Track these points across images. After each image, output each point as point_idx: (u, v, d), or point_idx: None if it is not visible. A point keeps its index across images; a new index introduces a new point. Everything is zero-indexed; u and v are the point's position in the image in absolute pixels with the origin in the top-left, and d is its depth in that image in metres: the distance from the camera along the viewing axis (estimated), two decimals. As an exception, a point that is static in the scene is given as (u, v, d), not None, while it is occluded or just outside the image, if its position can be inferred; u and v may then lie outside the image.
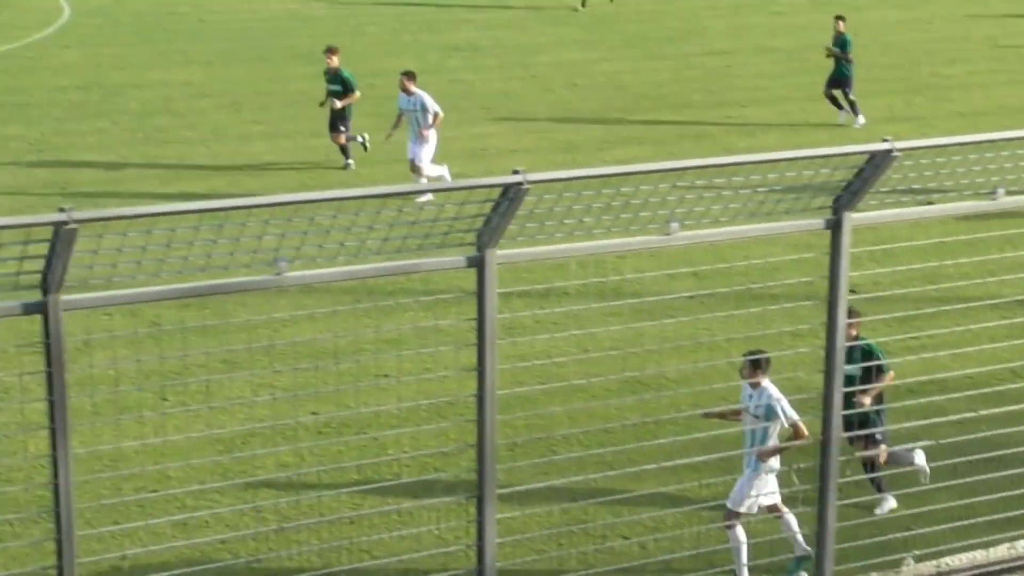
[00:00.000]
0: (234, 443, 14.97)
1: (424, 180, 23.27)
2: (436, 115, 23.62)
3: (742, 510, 12.65)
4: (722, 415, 13.26)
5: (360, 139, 25.45)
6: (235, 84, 31.12)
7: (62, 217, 6.59)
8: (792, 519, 12.76)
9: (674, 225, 7.94)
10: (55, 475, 7.57)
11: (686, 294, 17.49)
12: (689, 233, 8.03)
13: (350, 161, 25.18)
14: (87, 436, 13.75)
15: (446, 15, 39.39)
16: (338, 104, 25.05)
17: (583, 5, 40.03)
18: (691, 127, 28.34)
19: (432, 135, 23.63)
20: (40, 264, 6.91)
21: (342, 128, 25.13)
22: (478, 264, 7.76)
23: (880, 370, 13.00)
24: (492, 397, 8.01)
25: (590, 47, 35.72)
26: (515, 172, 7.42)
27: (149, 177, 24.46)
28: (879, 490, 13.65)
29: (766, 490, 12.54)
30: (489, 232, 7.66)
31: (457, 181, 7.12)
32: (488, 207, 7.62)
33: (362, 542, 12.85)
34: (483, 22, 38.55)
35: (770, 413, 12.46)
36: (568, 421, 15.42)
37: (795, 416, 12.47)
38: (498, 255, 7.74)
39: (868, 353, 13.10)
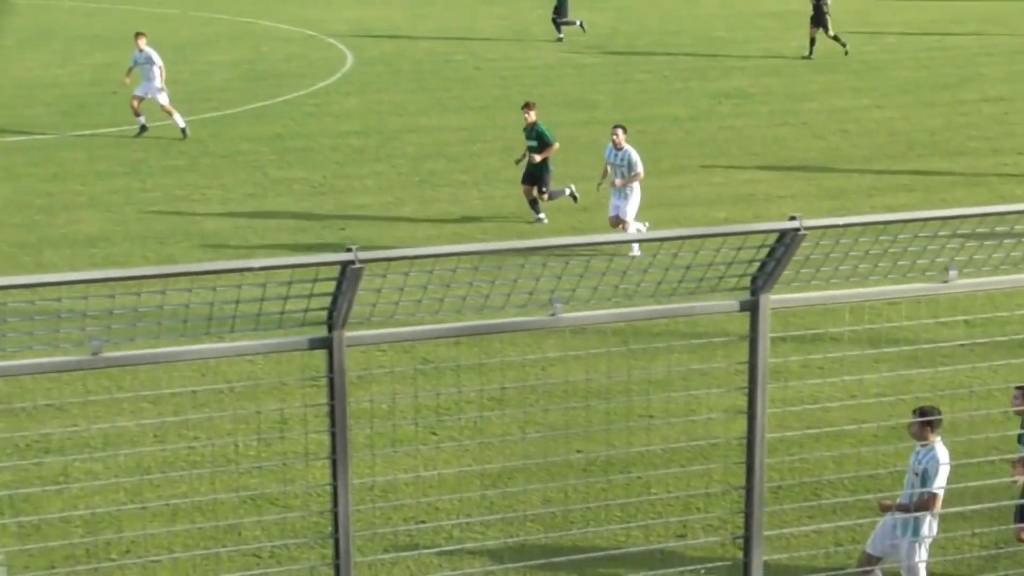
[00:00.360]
0: (501, 478, 15.14)
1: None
2: (637, 174, 23.02)
3: (878, 554, 12.32)
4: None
5: (568, 191, 25.29)
6: (507, 129, 31.52)
7: (349, 257, 6.78)
8: None
9: (952, 272, 7.75)
10: (335, 503, 7.74)
11: (959, 342, 17.03)
12: (968, 281, 7.82)
13: (542, 216, 24.77)
14: (361, 467, 14.08)
15: (716, 63, 39.27)
16: (537, 158, 24.78)
17: (845, 53, 39.45)
18: (965, 175, 27.65)
19: (636, 189, 23.11)
20: (326, 301, 7.10)
21: (543, 187, 24.81)
22: (752, 308, 7.70)
23: None
24: (762, 440, 7.92)
25: (862, 94, 35.16)
26: (792, 218, 7.35)
27: (423, 219, 24.94)
28: None
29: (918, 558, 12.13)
30: (764, 277, 7.60)
31: (733, 226, 7.04)
32: (762, 252, 7.57)
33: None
34: (753, 69, 38.31)
35: (927, 475, 11.93)
36: (834, 466, 15.17)
37: (941, 487, 11.93)
38: (772, 300, 7.67)
39: None
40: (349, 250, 6.73)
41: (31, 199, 25.63)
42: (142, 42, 30.48)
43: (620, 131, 23.52)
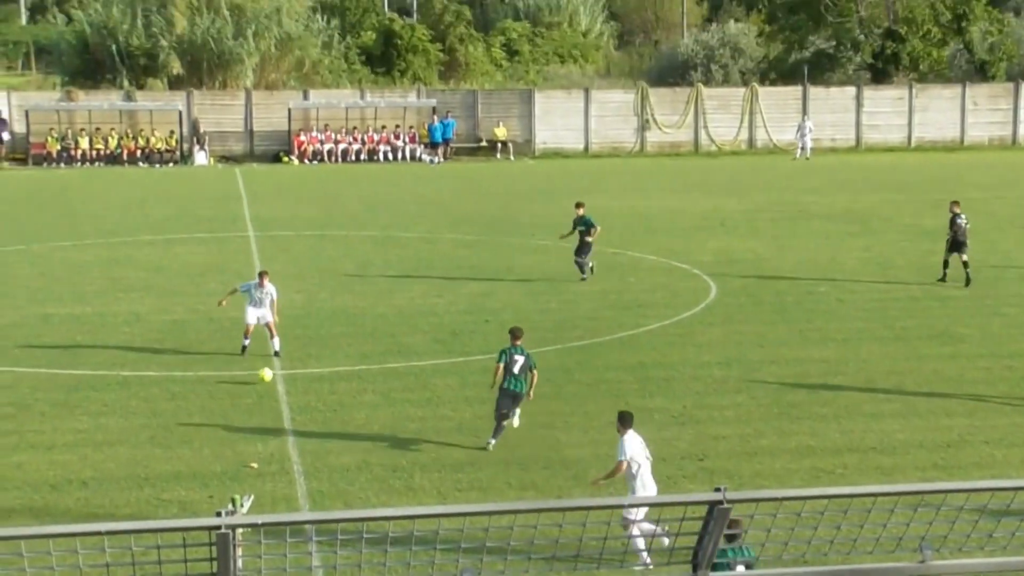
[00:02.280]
0: None
1: None
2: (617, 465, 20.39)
3: None
4: None
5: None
6: (869, 362, 31.03)
7: (717, 496, 6.70)
8: None
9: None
10: None
11: None
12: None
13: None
14: None
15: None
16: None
17: None
18: None
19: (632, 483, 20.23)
20: (691, 540, 7.03)
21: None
22: None
23: None
24: None
25: None
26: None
27: (781, 451, 24.58)
28: None
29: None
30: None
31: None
32: None
33: None
34: None
35: None
36: None
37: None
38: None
39: None
40: (718, 490, 6.66)
41: (405, 423, 26.46)
42: (265, 280, 32.11)
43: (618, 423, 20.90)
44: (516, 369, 25.36)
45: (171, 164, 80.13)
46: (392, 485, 22.86)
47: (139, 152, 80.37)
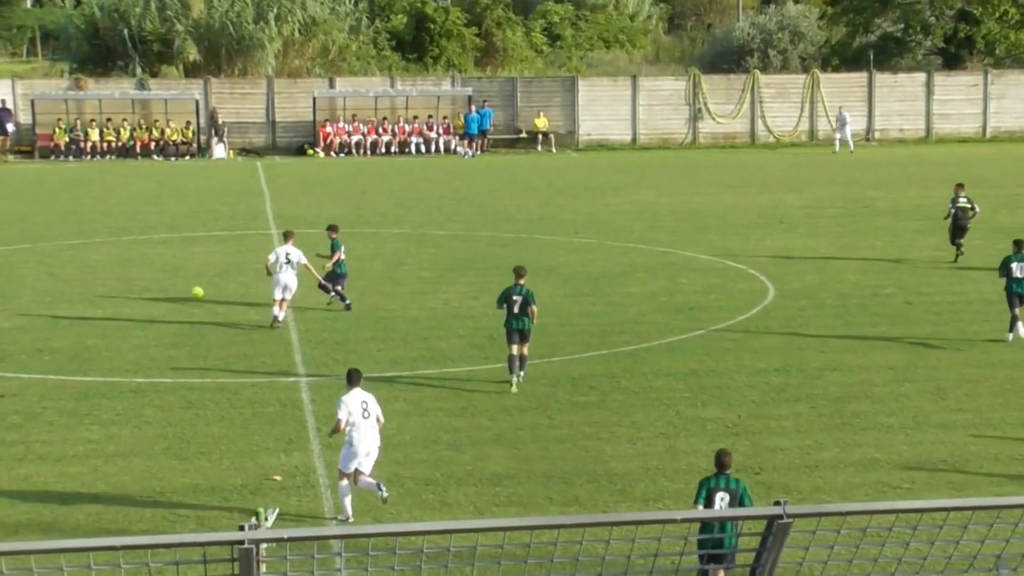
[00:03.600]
0: None
1: None
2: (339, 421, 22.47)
3: None
4: None
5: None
6: (939, 370, 30.92)
7: (776, 511, 6.71)
8: None
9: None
10: None
11: None
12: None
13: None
14: None
15: None
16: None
17: None
18: None
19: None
20: (748, 557, 7.03)
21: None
22: None
23: None
24: None
25: None
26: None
27: (844, 465, 24.52)
28: None
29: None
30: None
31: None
32: None
33: None
34: None
35: None
36: None
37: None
38: None
39: None
40: (777, 503, 6.66)
41: (438, 434, 26.52)
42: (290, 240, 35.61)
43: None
44: (516, 309, 29.57)
45: (187, 157, 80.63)
46: (425, 500, 22.93)
47: (153, 144, 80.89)
